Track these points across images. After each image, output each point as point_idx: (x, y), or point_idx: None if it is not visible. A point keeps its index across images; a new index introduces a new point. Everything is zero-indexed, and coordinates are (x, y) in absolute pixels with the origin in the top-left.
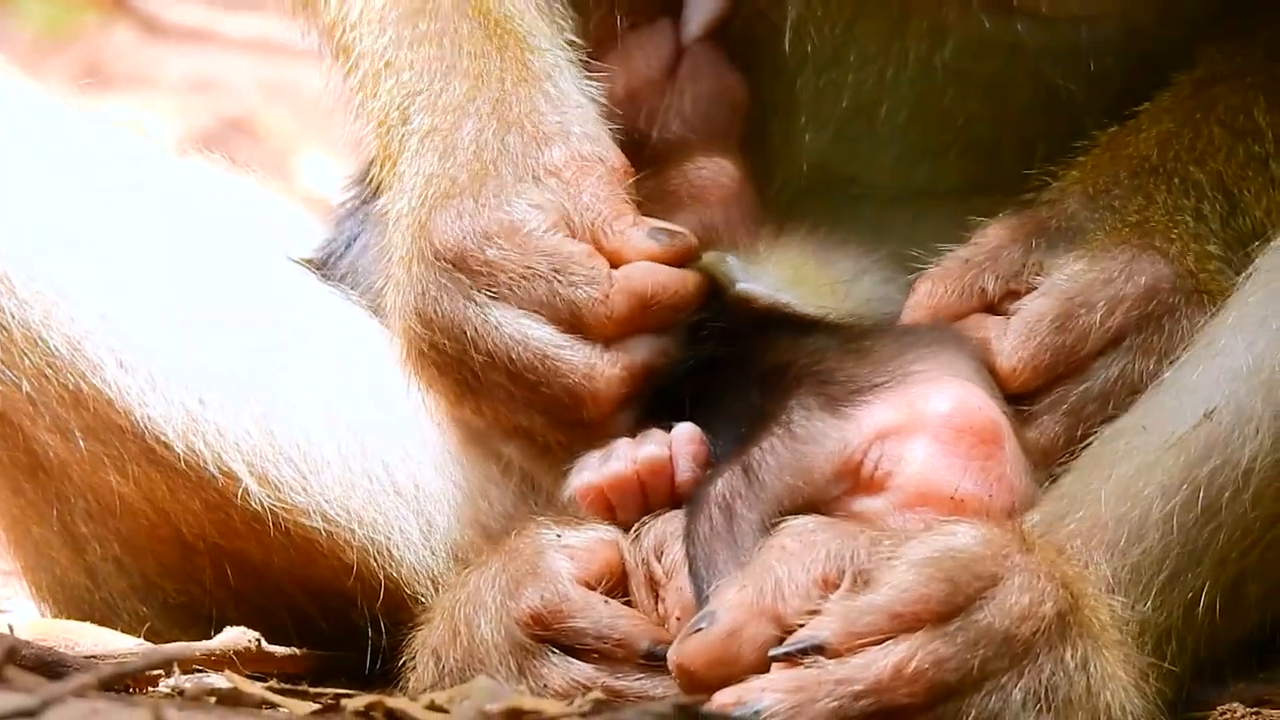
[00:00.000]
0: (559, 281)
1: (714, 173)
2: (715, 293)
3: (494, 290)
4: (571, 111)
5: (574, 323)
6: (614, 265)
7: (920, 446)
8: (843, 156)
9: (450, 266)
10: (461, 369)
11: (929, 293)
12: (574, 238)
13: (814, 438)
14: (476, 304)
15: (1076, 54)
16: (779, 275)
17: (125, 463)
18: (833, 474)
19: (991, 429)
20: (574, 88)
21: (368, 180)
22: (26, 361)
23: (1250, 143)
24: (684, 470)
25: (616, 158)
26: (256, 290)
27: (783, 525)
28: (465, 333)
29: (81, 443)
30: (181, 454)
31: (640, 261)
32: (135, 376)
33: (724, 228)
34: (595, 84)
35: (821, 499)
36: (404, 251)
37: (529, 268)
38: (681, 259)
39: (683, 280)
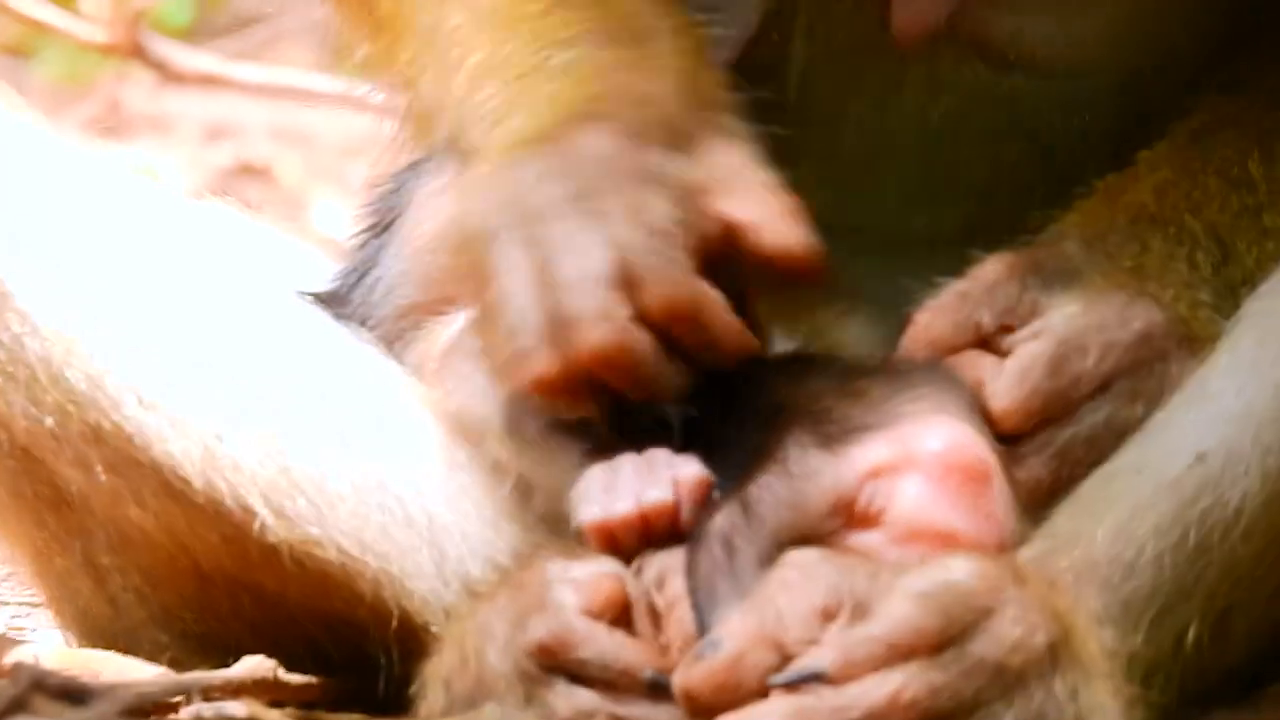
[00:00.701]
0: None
1: None
2: None
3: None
4: None
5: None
6: None
7: (912, 484)
8: (846, 204)
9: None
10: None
11: (926, 325)
12: None
13: (809, 475)
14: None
15: (1072, 105)
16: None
17: (145, 497)
18: (828, 510)
19: (981, 467)
20: None
21: (379, 216)
22: (49, 398)
23: (1244, 194)
24: (687, 513)
25: None
26: (272, 329)
27: (785, 557)
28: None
29: (102, 477)
30: (200, 488)
31: None
32: (154, 413)
33: None
34: None
35: (817, 534)
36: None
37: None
38: None
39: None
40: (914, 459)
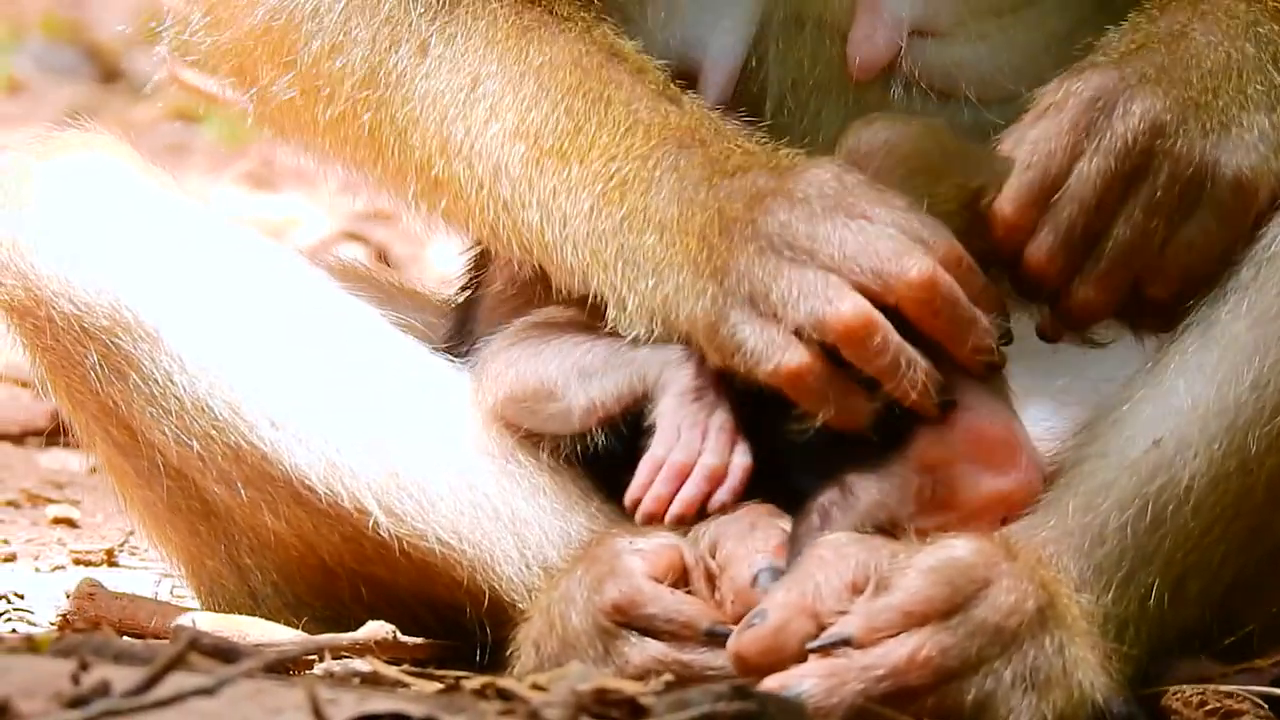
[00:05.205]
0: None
1: None
2: None
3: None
4: None
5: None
6: None
7: (962, 472)
8: None
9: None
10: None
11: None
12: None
13: (887, 470)
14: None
15: (1000, 129)
16: None
17: (278, 505)
18: (901, 499)
19: (1009, 438)
20: None
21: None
22: (196, 426)
23: None
24: (726, 492)
25: None
26: (380, 359)
27: (820, 539)
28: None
29: (242, 491)
30: (323, 496)
31: None
32: (284, 433)
33: None
34: None
35: (898, 518)
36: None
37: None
38: None
39: None
40: (959, 451)
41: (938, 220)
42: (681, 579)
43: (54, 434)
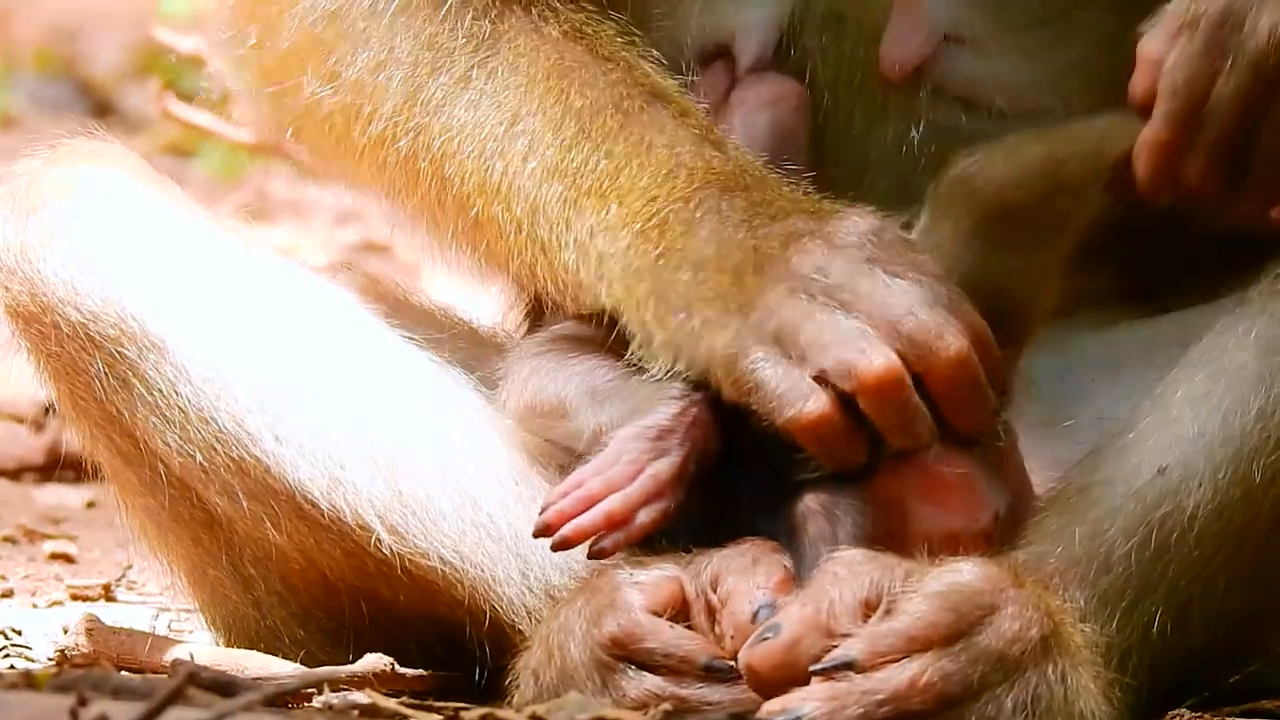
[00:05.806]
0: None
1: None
2: None
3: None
4: None
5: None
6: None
7: (914, 508)
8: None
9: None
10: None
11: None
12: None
13: (856, 499)
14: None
15: None
16: None
17: (280, 519)
18: (865, 527)
19: (961, 477)
20: None
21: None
22: (199, 437)
23: None
24: (610, 541)
25: None
26: (385, 375)
27: (834, 554)
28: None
29: (245, 503)
30: (325, 511)
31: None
32: (288, 447)
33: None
34: None
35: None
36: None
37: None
38: None
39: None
40: (914, 491)
41: (963, 293)
42: (682, 612)
43: (50, 469)
